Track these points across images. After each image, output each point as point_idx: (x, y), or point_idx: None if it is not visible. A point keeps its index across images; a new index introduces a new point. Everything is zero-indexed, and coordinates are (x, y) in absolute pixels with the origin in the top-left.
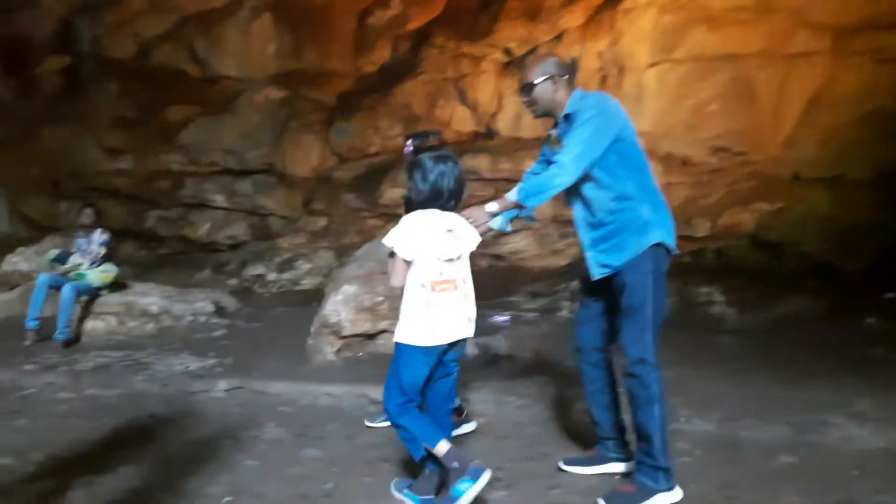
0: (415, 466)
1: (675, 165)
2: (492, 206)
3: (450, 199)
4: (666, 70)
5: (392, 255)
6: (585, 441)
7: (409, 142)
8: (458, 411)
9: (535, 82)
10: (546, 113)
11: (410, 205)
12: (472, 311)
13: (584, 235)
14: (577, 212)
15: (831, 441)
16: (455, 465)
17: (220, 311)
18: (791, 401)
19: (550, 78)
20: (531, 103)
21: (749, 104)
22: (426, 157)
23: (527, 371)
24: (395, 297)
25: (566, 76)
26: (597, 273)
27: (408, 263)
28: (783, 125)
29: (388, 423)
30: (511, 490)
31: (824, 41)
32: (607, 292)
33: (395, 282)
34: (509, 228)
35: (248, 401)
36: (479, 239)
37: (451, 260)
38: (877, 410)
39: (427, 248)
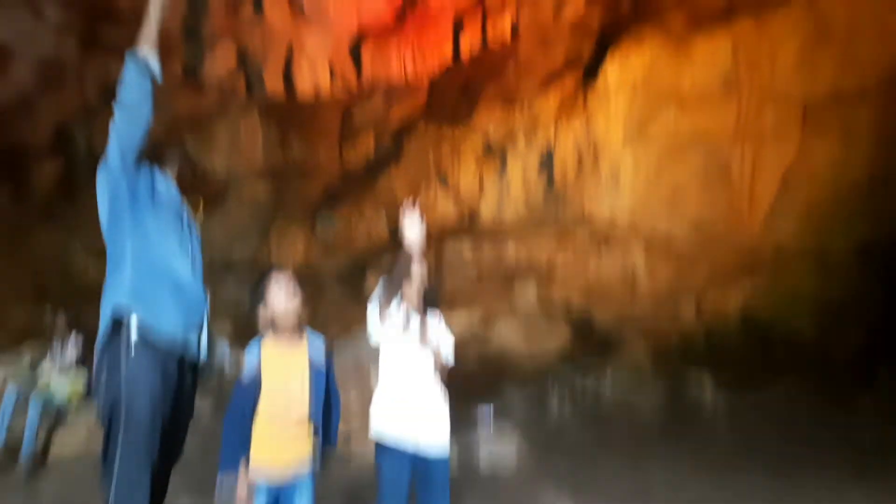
0: None
1: (658, 245)
2: None
3: None
4: (641, 151)
5: None
6: None
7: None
8: None
9: None
10: None
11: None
12: None
13: None
14: None
15: None
16: None
17: None
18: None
19: None
20: None
21: (725, 184)
22: None
23: None
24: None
25: None
26: None
27: None
28: (760, 203)
29: None
30: None
31: (795, 115)
32: None
33: None
34: None
35: None
36: None
37: None
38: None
39: None
